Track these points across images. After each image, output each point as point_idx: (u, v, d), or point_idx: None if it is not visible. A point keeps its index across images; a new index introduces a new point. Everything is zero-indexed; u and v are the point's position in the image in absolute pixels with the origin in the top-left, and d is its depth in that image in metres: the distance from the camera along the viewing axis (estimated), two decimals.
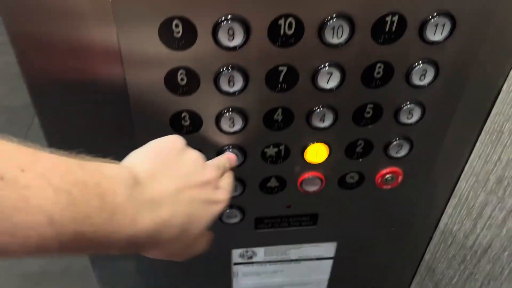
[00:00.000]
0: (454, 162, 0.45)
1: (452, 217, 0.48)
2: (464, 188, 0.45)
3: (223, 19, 0.32)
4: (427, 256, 0.55)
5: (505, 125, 0.39)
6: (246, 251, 0.52)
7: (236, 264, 0.54)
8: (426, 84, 0.38)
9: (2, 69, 1.68)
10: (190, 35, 0.33)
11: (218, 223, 0.47)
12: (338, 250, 0.54)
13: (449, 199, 0.48)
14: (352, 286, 0.60)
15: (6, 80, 1.64)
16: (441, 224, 0.51)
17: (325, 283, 0.58)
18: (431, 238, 0.54)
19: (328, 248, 0.53)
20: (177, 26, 0.32)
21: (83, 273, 1.09)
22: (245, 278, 0.56)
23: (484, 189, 0.42)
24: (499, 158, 0.40)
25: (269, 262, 0.54)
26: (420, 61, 0.36)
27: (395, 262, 0.57)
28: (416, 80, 0.37)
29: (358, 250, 0.54)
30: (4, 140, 0.23)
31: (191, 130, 0.39)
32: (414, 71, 0.37)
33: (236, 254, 0.52)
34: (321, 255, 0.54)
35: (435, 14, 0.34)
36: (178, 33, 0.33)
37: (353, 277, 0.58)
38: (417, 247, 0.55)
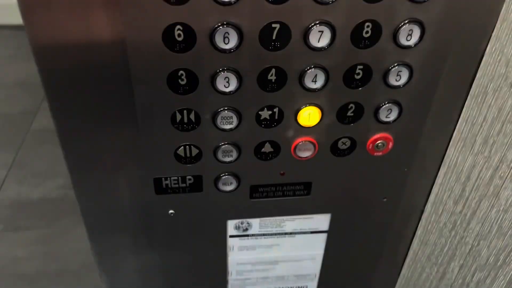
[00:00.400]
0: (443, 129, 0.47)
1: (442, 186, 0.49)
2: (452, 154, 0.47)
3: None
4: (419, 231, 0.56)
5: (489, 86, 0.40)
6: (241, 223, 0.53)
7: (231, 236, 0.54)
8: (413, 45, 0.39)
9: (1, 77, 1.72)
10: None
11: (214, 191, 0.49)
12: (332, 223, 0.55)
13: (439, 168, 0.50)
14: (346, 264, 0.61)
15: (5, 88, 1.67)
16: (432, 196, 0.52)
17: (320, 258, 0.59)
18: (422, 211, 0.55)
19: (322, 221, 0.54)
20: None
21: (79, 274, 1.09)
22: (240, 252, 0.56)
23: (471, 152, 0.44)
24: (484, 118, 0.41)
25: (264, 235, 0.55)
26: (407, 21, 0.38)
27: (389, 238, 0.58)
28: (403, 41, 0.39)
29: (352, 223, 0.55)
30: None
31: (187, 90, 0.40)
32: (401, 31, 0.39)
33: (232, 225, 0.53)
34: (315, 228, 0.55)
35: None
36: None
37: (347, 253, 0.59)
38: (410, 221, 0.56)
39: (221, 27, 0.36)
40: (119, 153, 0.45)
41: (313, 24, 0.37)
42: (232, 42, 0.37)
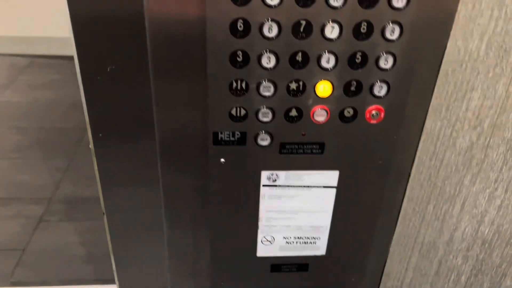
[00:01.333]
0: (421, 104, 0.65)
1: (423, 149, 0.67)
2: (429, 124, 0.64)
3: None
4: (407, 191, 0.73)
5: (449, 69, 0.58)
6: (272, 174, 0.71)
7: (264, 186, 0.72)
8: (395, 39, 0.58)
9: (58, 99, 2.01)
10: None
11: (254, 146, 0.67)
12: (340, 180, 0.72)
13: (420, 136, 0.67)
14: (352, 219, 0.77)
15: (62, 108, 1.95)
16: (416, 160, 0.69)
17: (330, 212, 0.76)
18: (409, 174, 0.72)
19: (332, 177, 0.72)
20: None
21: None
22: (269, 201, 0.74)
23: (439, 117, 0.61)
24: (446, 92, 0.59)
25: (288, 186, 0.72)
26: (390, 22, 0.57)
27: (385, 198, 0.74)
28: (388, 36, 0.58)
29: (356, 181, 0.72)
30: None
31: (242, 65, 0.60)
32: (386, 29, 0.57)
33: (265, 176, 0.71)
34: (327, 183, 0.73)
35: None
36: None
37: (352, 209, 0.76)
38: (400, 182, 0.73)
39: (267, 21, 0.56)
40: (189, 109, 0.64)
41: (327, 22, 0.57)
42: (274, 32, 0.57)
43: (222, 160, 0.69)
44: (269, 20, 0.56)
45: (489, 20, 0.49)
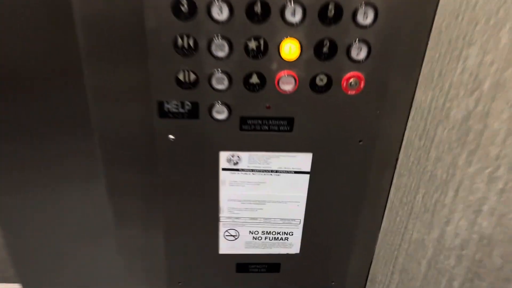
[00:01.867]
0: (410, 72, 0.54)
1: (412, 128, 0.55)
2: (418, 95, 0.53)
3: None
4: (394, 179, 0.61)
5: (443, 24, 0.47)
6: (232, 155, 0.60)
7: (223, 170, 0.61)
8: None
9: None
10: None
11: (209, 120, 0.56)
12: (313, 164, 0.61)
13: (409, 112, 0.56)
14: (329, 212, 0.66)
15: None
16: (404, 140, 0.58)
17: (304, 202, 0.64)
18: (397, 159, 0.60)
19: (305, 160, 0.61)
20: None
21: None
22: (231, 188, 0.63)
23: (431, 87, 0.50)
24: (439, 54, 0.48)
25: (252, 170, 0.61)
26: None
27: (368, 187, 0.63)
28: None
29: (332, 166, 0.61)
30: None
31: (188, 16, 0.49)
32: None
33: (224, 157, 0.60)
34: (298, 168, 0.61)
35: None
36: None
37: (329, 199, 0.64)
38: (386, 168, 0.61)
39: None
40: (130, 78, 0.53)
41: None
42: None
43: (171, 136, 0.58)
44: None
45: None
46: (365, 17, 0.49)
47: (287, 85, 0.54)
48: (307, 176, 0.62)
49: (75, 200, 0.64)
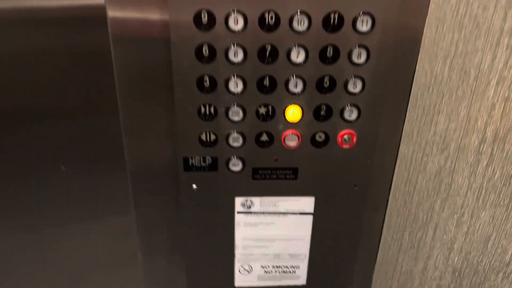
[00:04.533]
0: (395, 129, 0.64)
1: (398, 174, 0.65)
2: (403, 148, 0.63)
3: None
4: (386, 218, 0.71)
5: (418, 93, 0.58)
6: (246, 200, 0.69)
7: (238, 213, 0.71)
8: (362, 63, 0.58)
9: None
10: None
11: (226, 171, 0.66)
12: (316, 206, 0.71)
13: (396, 161, 0.66)
14: (331, 247, 0.75)
15: None
16: (393, 186, 0.67)
17: (308, 239, 0.74)
18: (387, 201, 0.70)
19: (308, 203, 0.70)
20: None
21: None
22: (245, 228, 0.72)
23: (412, 141, 0.60)
24: (416, 116, 0.58)
25: (263, 213, 0.71)
26: (357, 46, 0.57)
27: (364, 225, 0.72)
28: (355, 60, 0.58)
29: (332, 208, 0.71)
30: None
31: (209, 90, 0.59)
32: (353, 52, 0.57)
33: (238, 202, 0.70)
34: (303, 210, 0.71)
35: None
36: None
37: (330, 237, 0.74)
38: (379, 208, 0.71)
39: (232, 46, 0.56)
40: (159, 135, 0.64)
41: (293, 46, 0.56)
42: (239, 57, 0.57)
43: (194, 186, 0.68)
44: (234, 45, 0.56)
45: (450, 43, 0.49)
46: (355, 86, 0.60)
47: (292, 141, 0.64)
48: (311, 216, 0.72)
49: (104, 233, 0.73)
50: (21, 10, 0.57)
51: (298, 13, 0.54)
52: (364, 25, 0.56)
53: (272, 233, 0.73)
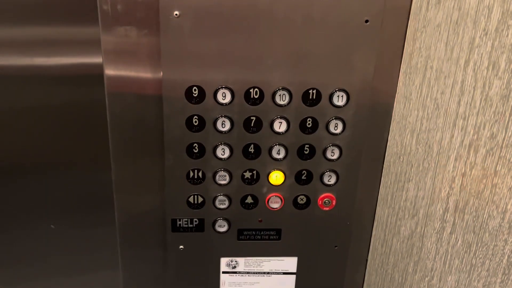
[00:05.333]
0: (370, 193, 0.68)
1: (375, 237, 0.69)
2: (379, 212, 0.67)
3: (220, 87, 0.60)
4: (366, 277, 0.74)
5: (391, 159, 0.63)
6: (231, 260, 0.72)
7: (223, 272, 0.73)
8: (339, 133, 0.63)
9: None
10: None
11: (212, 232, 0.69)
12: (298, 266, 0.73)
13: (373, 223, 0.70)
14: None
15: None
16: (371, 246, 0.71)
17: None
18: (367, 260, 0.73)
19: (291, 263, 0.73)
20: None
21: None
22: (230, 287, 0.74)
23: (386, 206, 0.64)
24: (390, 181, 0.63)
25: (248, 273, 0.73)
26: (333, 117, 0.62)
27: (345, 283, 0.75)
28: (332, 130, 0.63)
29: (314, 267, 0.73)
30: None
31: (198, 156, 0.64)
32: (330, 124, 0.62)
33: (224, 262, 0.72)
34: (286, 269, 0.73)
35: None
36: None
37: None
38: (359, 267, 0.74)
39: (220, 117, 0.61)
40: (148, 197, 0.67)
41: (275, 117, 0.62)
42: (227, 126, 0.62)
43: (181, 246, 0.70)
44: (222, 116, 0.62)
45: (416, 119, 0.54)
46: (333, 154, 0.65)
47: (275, 204, 0.68)
48: (294, 276, 0.74)
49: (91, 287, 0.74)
50: (22, 67, 0.61)
51: (280, 89, 0.60)
52: (339, 100, 0.62)
53: None
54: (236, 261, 0.72)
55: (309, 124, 0.63)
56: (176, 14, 0.56)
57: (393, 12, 0.58)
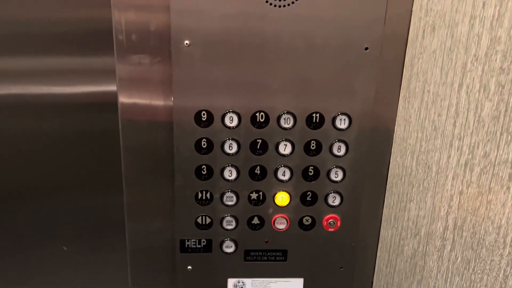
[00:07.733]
0: (374, 214, 0.70)
1: (379, 258, 0.70)
2: (383, 233, 0.68)
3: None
4: None
5: (393, 181, 0.64)
6: (238, 282, 0.73)
7: None
8: (342, 155, 0.65)
9: None
10: None
11: (219, 253, 0.71)
12: (305, 287, 0.74)
13: (377, 245, 0.71)
14: None
15: None
16: (376, 268, 0.72)
17: None
18: (372, 283, 0.74)
19: (297, 284, 0.74)
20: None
21: None
22: None
23: (390, 226, 0.66)
24: (393, 202, 0.64)
25: None
26: (337, 140, 0.65)
27: None
28: (335, 152, 0.65)
29: None
30: None
31: (206, 177, 0.66)
32: (334, 145, 0.65)
33: (231, 283, 0.73)
34: None
35: None
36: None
37: None
38: None
39: (228, 140, 0.64)
40: (158, 218, 0.69)
41: (281, 140, 0.64)
42: (234, 149, 0.65)
43: (189, 267, 0.72)
44: (230, 139, 0.64)
45: (415, 141, 0.57)
46: (336, 175, 0.67)
47: (281, 224, 0.69)
48: None
49: None
50: (40, 95, 0.65)
51: (285, 113, 0.63)
52: (342, 123, 0.64)
53: None
54: (243, 282, 0.74)
55: (313, 146, 0.65)
56: (186, 43, 0.60)
57: (391, 39, 0.61)
